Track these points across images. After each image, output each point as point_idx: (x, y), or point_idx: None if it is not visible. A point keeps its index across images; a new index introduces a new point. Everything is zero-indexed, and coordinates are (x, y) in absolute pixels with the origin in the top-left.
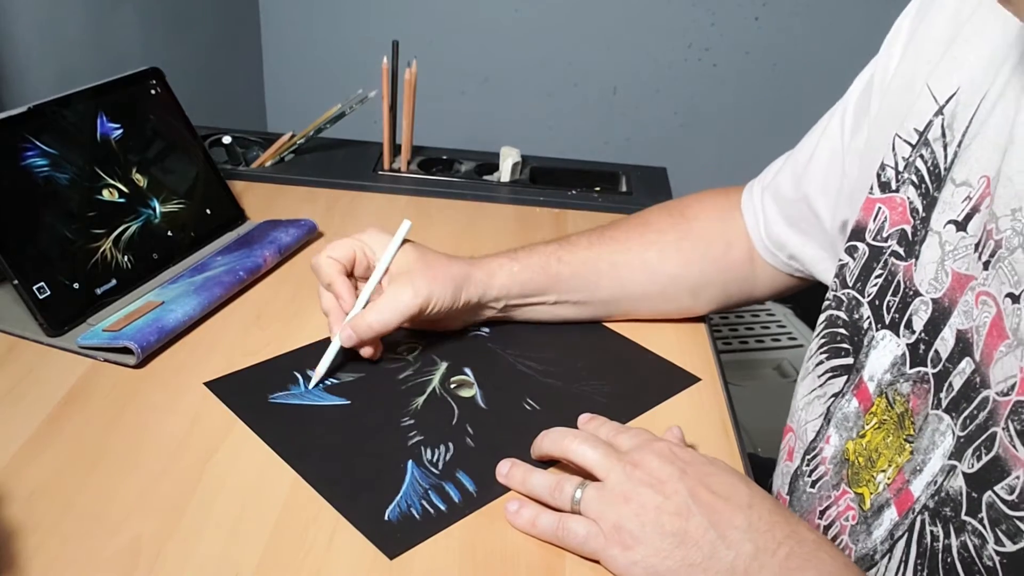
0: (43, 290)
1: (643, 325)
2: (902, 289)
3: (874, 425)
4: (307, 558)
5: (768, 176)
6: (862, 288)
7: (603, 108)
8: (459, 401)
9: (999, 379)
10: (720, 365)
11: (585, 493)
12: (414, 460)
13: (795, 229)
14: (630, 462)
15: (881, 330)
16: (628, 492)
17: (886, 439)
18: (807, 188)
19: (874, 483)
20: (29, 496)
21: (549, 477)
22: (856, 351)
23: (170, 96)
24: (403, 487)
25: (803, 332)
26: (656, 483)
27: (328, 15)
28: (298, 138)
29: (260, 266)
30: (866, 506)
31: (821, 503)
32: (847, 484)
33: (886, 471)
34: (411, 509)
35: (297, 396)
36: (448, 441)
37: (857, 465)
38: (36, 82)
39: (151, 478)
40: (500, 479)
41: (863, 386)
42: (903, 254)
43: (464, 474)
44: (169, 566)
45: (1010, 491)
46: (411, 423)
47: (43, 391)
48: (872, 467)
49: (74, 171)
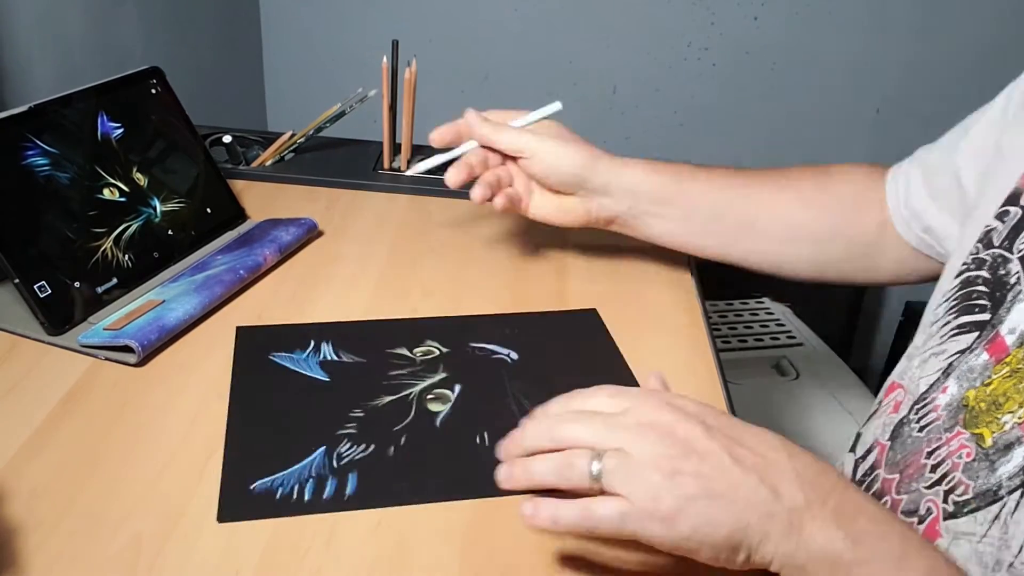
0: (44, 289)
1: (643, 324)
2: None
3: (1004, 374)
4: (306, 557)
5: (921, 151)
6: (1010, 246)
7: (602, 107)
8: (421, 412)
9: None
10: (719, 363)
11: (605, 464)
12: (327, 448)
13: (936, 201)
14: (638, 423)
15: None
16: (655, 458)
17: (1017, 385)
18: (959, 160)
19: (998, 423)
20: (30, 494)
21: (556, 456)
22: (996, 306)
23: (171, 95)
24: (294, 467)
25: (802, 331)
26: (682, 443)
27: (328, 14)
28: (298, 137)
29: (260, 265)
30: (986, 444)
31: (929, 445)
32: (962, 426)
33: (1015, 412)
34: (280, 488)
35: (292, 361)
36: (374, 442)
37: (977, 410)
38: (37, 81)
39: (152, 477)
40: (503, 485)
41: (999, 340)
42: None
43: (355, 475)
44: (169, 565)
45: None
46: (360, 415)
47: (44, 390)
48: (997, 410)
49: (75, 170)
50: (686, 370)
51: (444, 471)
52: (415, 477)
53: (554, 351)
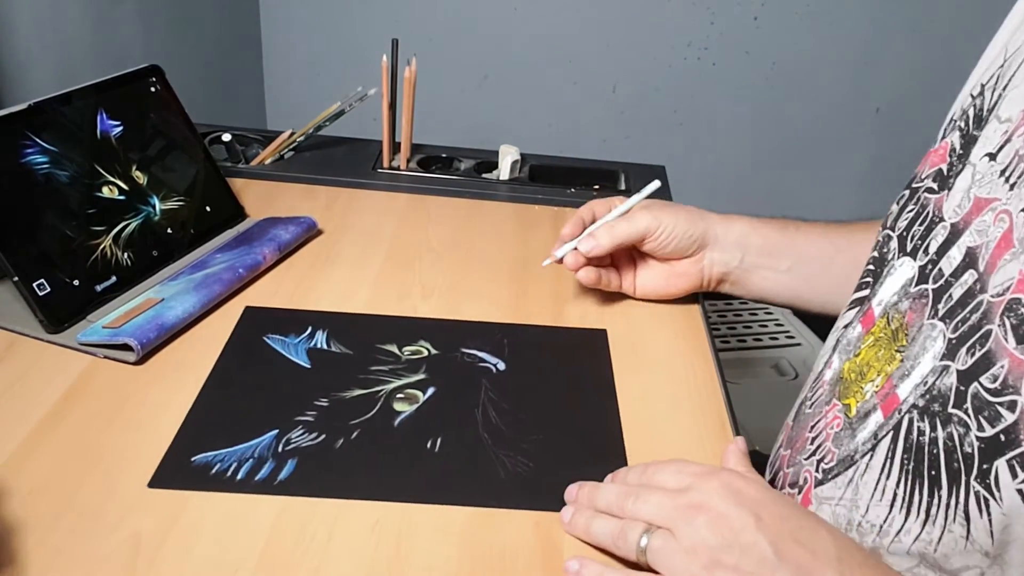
0: (43, 287)
1: (642, 323)
2: (929, 218)
3: (869, 343)
4: (306, 555)
5: None
6: (894, 224)
7: (602, 106)
8: (385, 409)
9: (996, 284)
10: (719, 364)
11: (651, 542)
12: (279, 432)
13: None
14: (692, 505)
15: (902, 257)
16: (698, 543)
17: (878, 353)
18: None
19: (861, 393)
20: (29, 492)
21: (614, 523)
22: (875, 282)
23: (170, 94)
24: (240, 446)
25: (801, 331)
26: (729, 531)
27: (328, 13)
28: (298, 136)
29: (260, 263)
30: (851, 414)
31: (813, 419)
32: (836, 398)
33: (875, 380)
34: (219, 463)
35: (283, 345)
36: (326, 433)
37: (848, 380)
38: (36, 79)
39: (150, 474)
40: (565, 527)
41: (870, 311)
42: (936, 188)
43: (294, 462)
44: (168, 563)
45: (993, 380)
46: (324, 405)
47: (43, 388)
48: (862, 380)
49: (74, 168)
50: (686, 370)
51: (382, 471)
52: (349, 473)
53: (545, 367)
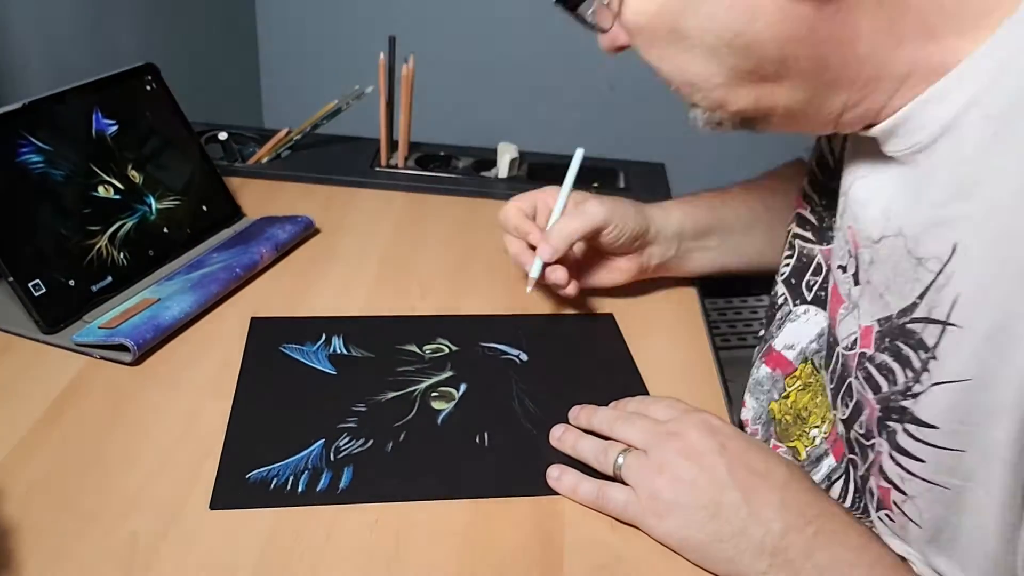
0: (38, 287)
1: (642, 322)
2: (823, 270)
3: (798, 387)
4: (304, 555)
5: None
6: (778, 269)
7: (601, 104)
8: (423, 409)
9: (843, 336)
10: (719, 361)
11: (626, 460)
12: (326, 441)
13: None
14: (670, 432)
15: (801, 305)
16: (665, 462)
17: (814, 399)
18: None
19: (807, 437)
20: (25, 493)
21: (597, 443)
22: (768, 323)
23: (166, 92)
24: (291, 458)
25: None
26: (694, 455)
27: (324, 10)
28: (294, 134)
29: (257, 263)
30: (801, 456)
31: None
32: (776, 439)
33: (820, 427)
34: (275, 478)
35: (302, 353)
36: (373, 437)
37: (785, 422)
38: (31, 78)
39: (147, 475)
40: (553, 442)
41: (774, 353)
42: (811, 238)
43: (351, 469)
44: (166, 564)
45: (861, 427)
46: (362, 410)
47: (39, 388)
48: (804, 423)
49: (69, 167)
50: (685, 368)
51: (440, 469)
52: (410, 474)
53: (565, 354)
